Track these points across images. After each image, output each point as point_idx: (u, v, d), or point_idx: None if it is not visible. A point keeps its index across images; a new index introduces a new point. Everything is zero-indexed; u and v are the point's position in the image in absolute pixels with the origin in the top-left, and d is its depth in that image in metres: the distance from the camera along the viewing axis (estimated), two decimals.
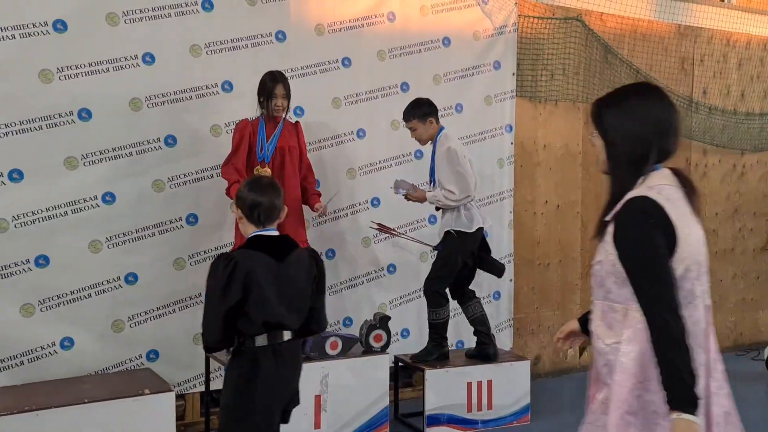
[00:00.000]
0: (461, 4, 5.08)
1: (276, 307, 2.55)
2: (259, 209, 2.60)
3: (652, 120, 1.88)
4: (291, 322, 2.62)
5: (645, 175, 1.87)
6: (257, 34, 4.38)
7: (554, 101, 5.57)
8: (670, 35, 6.08)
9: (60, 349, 3.86)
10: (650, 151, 1.87)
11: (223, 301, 2.48)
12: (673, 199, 1.83)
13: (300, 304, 2.65)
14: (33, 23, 3.80)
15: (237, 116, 4.22)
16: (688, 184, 1.90)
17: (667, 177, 1.89)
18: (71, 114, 3.91)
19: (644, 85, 2.00)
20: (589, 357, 5.83)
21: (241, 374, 2.59)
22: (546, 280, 5.61)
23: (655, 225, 1.79)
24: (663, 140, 1.89)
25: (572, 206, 5.72)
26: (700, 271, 1.86)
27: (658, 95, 1.93)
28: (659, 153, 1.88)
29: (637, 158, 1.87)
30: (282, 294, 2.57)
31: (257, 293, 2.50)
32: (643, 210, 1.81)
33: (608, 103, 1.97)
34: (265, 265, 2.54)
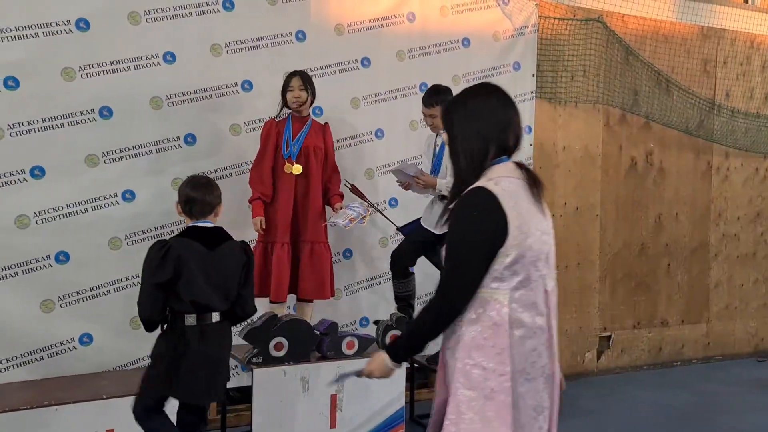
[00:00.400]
0: (481, 4, 5.06)
1: (204, 288, 2.85)
2: (192, 204, 2.96)
3: (491, 118, 2.02)
4: (218, 305, 2.92)
5: (487, 168, 2.00)
6: (277, 34, 4.40)
7: (574, 103, 5.53)
8: (693, 37, 6.01)
9: (79, 345, 3.89)
10: (489, 146, 2.00)
11: (153, 278, 2.80)
12: (510, 190, 1.94)
13: (227, 289, 2.95)
14: (56, 22, 3.84)
15: (256, 115, 4.24)
16: (531, 176, 2.02)
17: (509, 170, 2.00)
18: (93, 112, 3.94)
19: (486, 86, 2.12)
20: (607, 360, 5.79)
21: (169, 347, 2.90)
22: (564, 282, 5.57)
23: (479, 216, 1.92)
24: (502, 136, 2.02)
25: (591, 209, 5.68)
26: (538, 257, 1.96)
27: (498, 95, 2.06)
28: (498, 148, 2.01)
29: (477, 153, 2.00)
30: (210, 278, 2.88)
31: (187, 275, 2.82)
32: (474, 200, 1.94)
33: (455, 102, 2.12)
34: (197, 252, 2.87)
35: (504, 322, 1.91)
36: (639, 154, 5.91)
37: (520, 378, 1.93)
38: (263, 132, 4.05)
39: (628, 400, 5.12)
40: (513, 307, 1.92)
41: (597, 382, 5.59)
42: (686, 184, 6.11)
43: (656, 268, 6.00)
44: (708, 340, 6.31)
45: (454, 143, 2.06)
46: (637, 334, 5.96)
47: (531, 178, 2.01)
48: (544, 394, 1.96)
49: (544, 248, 1.99)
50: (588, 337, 5.71)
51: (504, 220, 1.90)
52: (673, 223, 6.08)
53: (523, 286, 1.94)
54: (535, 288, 1.96)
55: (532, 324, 1.94)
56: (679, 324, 6.16)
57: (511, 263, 1.92)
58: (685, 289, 6.17)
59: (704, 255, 6.23)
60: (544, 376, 1.96)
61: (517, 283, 1.93)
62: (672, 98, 5.86)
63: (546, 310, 1.98)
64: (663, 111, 5.81)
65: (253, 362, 3.68)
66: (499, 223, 1.90)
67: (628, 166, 5.85)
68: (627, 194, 5.83)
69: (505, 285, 1.93)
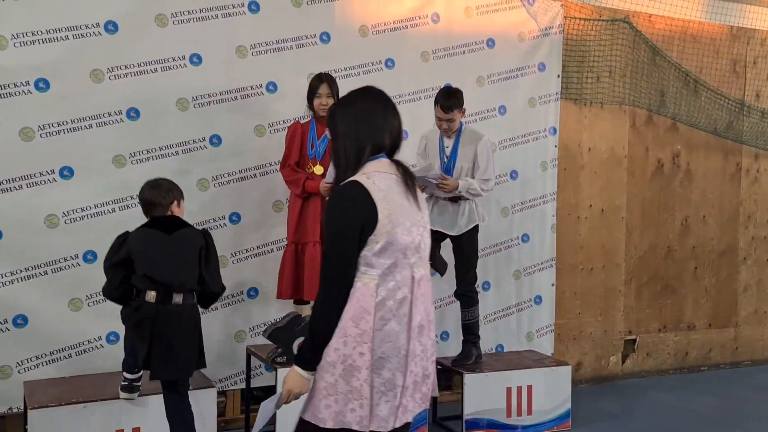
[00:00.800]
0: (506, 5, 5.04)
1: (159, 266, 3.11)
2: (145, 204, 3.29)
3: (371, 121, 2.20)
4: (176, 282, 3.13)
5: (363, 164, 2.17)
6: (302, 36, 4.42)
7: (600, 104, 5.48)
8: (722, 37, 5.93)
9: (106, 343, 3.95)
10: (366, 146, 2.17)
11: (112, 257, 3.15)
12: (381, 184, 2.12)
13: (185, 269, 3.17)
14: (86, 25, 3.90)
15: (280, 117, 4.26)
16: (405, 173, 2.21)
17: (384, 166, 2.18)
18: (120, 113, 4.00)
19: (366, 89, 2.30)
20: (632, 364, 5.73)
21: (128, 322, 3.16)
22: (589, 285, 5.53)
23: (351, 205, 2.08)
24: (379, 138, 2.19)
25: (617, 211, 5.62)
26: (408, 246, 2.13)
27: (375, 98, 2.25)
28: (375, 148, 2.18)
29: (356, 151, 2.17)
30: (166, 258, 3.14)
31: (142, 255, 3.12)
32: (347, 192, 2.11)
33: (338, 105, 2.34)
34: (153, 236, 3.18)
35: (369, 305, 2.08)
36: (666, 155, 5.83)
37: (377, 356, 2.09)
38: (288, 134, 4.07)
39: (654, 405, 5.06)
40: (379, 291, 2.09)
41: (622, 386, 5.53)
42: (714, 186, 6.02)
43: (683, 271, 5.92)
44: (736, 344, 6.22)
45: (336, 141, 2.23)
46: (662, 338, 5.89)
47: (404, 175, 2.20)
48: (398, 373, 2.12)
49: (415, 238, 2.17)
50: (613, 341, 5.66)
51: (374, 210, 2.07)
52: (700, 226, 5.99)
53: (390, 272, 2.11)
54: (403, 274, 2.13)
55: (395, 308, 2.11)
56: (706, 328, 6.07)
57: (379, 250, 2.08)
58: (713, 293, 6.08)
59: (732, 258, 6.14)
60: (399, 356, 2.12)
61: (385, 269, 2.10)
62: (700, 99, 5.78)
63: (410, 295, 2.14)
64: (691, 112, 5.73)
65: (276, 362, 3.71)
66: (369, 213, 2.07)
67: (655, 167, 5.78)
68: (653, 196, 5.77)
69: (374, 271, 2.09)
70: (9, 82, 3.75)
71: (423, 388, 2.22)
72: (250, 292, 4.33)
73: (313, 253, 3.96)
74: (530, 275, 5.20)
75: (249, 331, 4.35)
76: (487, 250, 5.05)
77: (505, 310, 5.13)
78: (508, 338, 5.12)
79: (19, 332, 3.78)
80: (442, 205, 4.17)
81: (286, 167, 4.01)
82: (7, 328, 3.76)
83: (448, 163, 4.17)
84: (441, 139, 4.22)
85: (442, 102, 4.10)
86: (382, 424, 2.11)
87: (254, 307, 4.34)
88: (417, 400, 2.20)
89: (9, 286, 3.77)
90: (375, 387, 2.10)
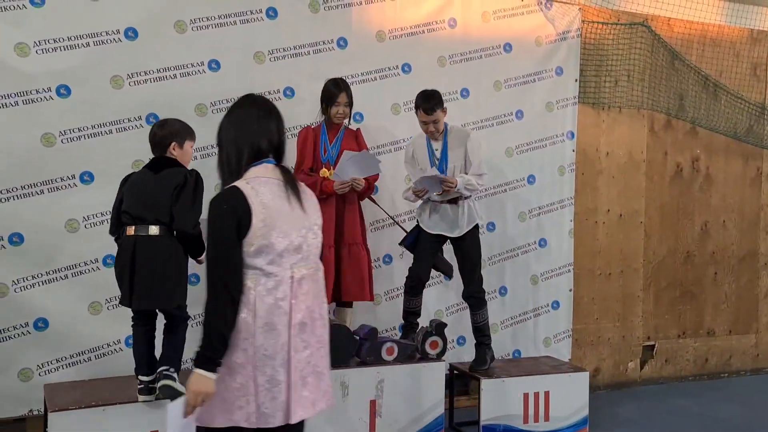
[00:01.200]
0: (523, 9, 5.03)
1: (137, 202, 3.30)
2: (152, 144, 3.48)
3: (247, 127, 2.29)
4: (150, 217, 3.28)
5: (246, 170, 2.27)
6: (319, 41, 4.44)
7: (618, 108, 5.45)
8: (742, 40, 5.87)
9: (125, 347, 3.97)
10: (244, 151, 2.28)
11: (115, 201, 3.42)
12: (259, 189, 2.22)
13: (158, 205, 3.29)
14: (106, 31, 3.94)
15: (298, 122, 4.28)
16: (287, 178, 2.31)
17: (267, 171, 2.28)
18: (140, 119, 4.04)
19: (249, 97, 2.41)
20: (650, 370, 5.68)
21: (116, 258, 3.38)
22: (607, 290, 5.49)
23: (228, 209, 2.18)
24: (256, 143, 2.29)
25: (635, 215, 5.58)
26: (285, 248, 2.23)
27: (253, 104, 2.36)
28: (254, 152, 2.28)
29: (234, 157, 2.28)
30: (145, 195, 3.31)
31: (127, 194, 3.36)
32: (223, 197, 2.23)
33: (226, 114, 2.40)
34: (141, 175, 3.41)
35: (250, 303, 2.19)
36: (685, 160, 5.79)
37: (260, 353, 2.19)
38: (300, 139, 4.09)
39: (673, 412, 5.01)
40: (258, 290, 2.20)
41: (640, 392, 5.49)
42: (734, 190, 5.95)
43: (702, 276, 5.86)
44: (757, 351, 6.14)
45: (219, 150, 2.34)
46: (682, 344, 5.83)
47: (287, 179, 2.30)
48: (281, 369, 2.21)
49: (294, 240, 2.26)
50: (631, 347, 5.61)
51: (249, 215, 2.18)
52: (720, 231, 5.93)
53: (267, 273, 2.21)
54: (280, 275, 2.23)
55: (273, 306, 2.21)
56: (726, 334, 6.00)
57: (255, 252, 2.20)
58: (733, 299, 6.01)
59: (753, 264, 6.07)
60: (281, 354, 2.21)
61: (262, 270, 2.21)
62: (720, 103, 5.73)
63: (290, 295, 2.23)
64: (710, 116, 5.68)
65: None
66: (243, 217, 2.18)
67: (674, 172, 5.74)
68: (672, 201, 5.72)
69: (252, 272, 2.20)
70: (31, 89, 3.81)
71: (321, 384, 2.31)
72: None
73: (328, 257, 3.98)
74: (547, 280, 5.17)
75: None
76: (504, 254, 5.04)
77: (522, 315, 5.11)
78: (525, 344, 5.09)
79: (39, 335, 3.83)
80: (440, 209, 4.16)
81: (299, 173, 4.02)
82: (28, 331, 3.80)
83: (440, 165, 4.17)
84: (428, 143, 4.21)
85: (423, 105, 4.10)
86: (270, 420, 2.19)
87: None
88: (309, 397, 2.27)
89: (30, 289, 3.82)
90: (260, 384, 2.19)
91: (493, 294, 4.96)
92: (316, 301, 2.33)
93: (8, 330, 3.79)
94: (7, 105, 3.77)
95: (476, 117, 4.90)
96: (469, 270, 4.20)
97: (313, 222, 2.35)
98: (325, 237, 3.96)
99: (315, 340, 2.31)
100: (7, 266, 3.77)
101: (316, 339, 2.32)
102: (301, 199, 2.31)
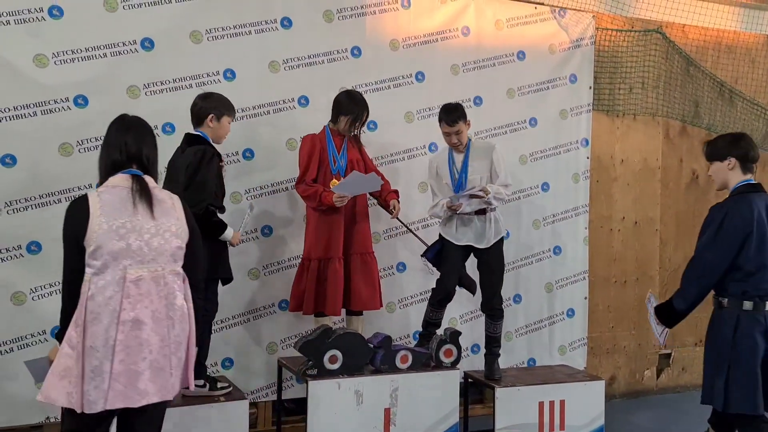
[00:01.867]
0: (537, 17, 5.03)
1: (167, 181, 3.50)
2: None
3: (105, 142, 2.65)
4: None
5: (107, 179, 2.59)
6: (333, 50, 4.47)
7: (632, 115, 5.44)
8: (758, 46, 5.83)
9: None
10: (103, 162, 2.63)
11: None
12: (105, 197, 2.52)
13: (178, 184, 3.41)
14: (123, 42, 4.00)
15: (312, 130, 4.29)
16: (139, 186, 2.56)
17: (119, 180, 2.57)
18: (156, 128, 3.99)
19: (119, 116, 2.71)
20: (667, 378, 5.63)
21: None
22: (622, 298, 5.46)
23: (71, 214, 2.53)
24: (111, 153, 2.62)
25: (651, 223, 5.55)
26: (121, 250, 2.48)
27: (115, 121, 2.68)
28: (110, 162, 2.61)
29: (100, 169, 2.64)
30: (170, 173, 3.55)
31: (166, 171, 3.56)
32: (71, 203, 2.58)
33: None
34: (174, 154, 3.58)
35: (84, 298, 2.46)
36: (700, 166, 5.74)
37: (87, 344, 2.44)
38: (306, 149, 4.05)
39: (689, 420, 4.96)
40: (92, 288, 2.46)
41: (656, 400, 5.44)
42: None
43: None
44: None
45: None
46: (698, 352, 5.76)
47: (137, 188, 2.55)
48: (105, 361, 2.43)
49: (132, 243, 2.50)
50: (647, 355, 5.57)
51: (87, 219, 2.47)
52: None
53: (100, 273, 2.47)
54: (112, 275, 2.47)
55: (103, 303, 2.45)
56: None
57: (91, 253, 2.47)
58: None
59: None
60: (106, 347, 2.44)
61: (96, 270, 2.47)
62: (736, 109, 5.69)
63: (120, 294, 2.46)
64: (726, 122, 5.65)
65: (308, 374, 3.73)
66: (82, 221, 2.47)
67: (689, 179, 5.70)
68: (688, 208, 5.68)
69: (90, 270, 2.48)
70: (49, 99, 3.86)
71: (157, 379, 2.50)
72: (282, 304, 4.36)
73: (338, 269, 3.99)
74: (562, 288, 5.15)
75: (280, 343, 4.38)
76: (519, 262, 5.03)
77: (536, 323, 5.09)
78: (540, 352, 5.07)
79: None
80: (468, 220, 4.16)
81: (301, 183, 4.03)
82: (45, 338, 3.84)
83: (460, 178, 4.18)
84: (450, 155, 4.21)
85: (445, 118, 4.11)
86: (92, 406, 2.42)
87: (286, 319, 4.38)
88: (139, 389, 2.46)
89: (48, 297, 3.86)
90: (86, 372, 2.43)
91: (507, 302, 4.95)
92: (163, 302, 2.53)
93: (26, 338, 3.83)
94: (26, 115, 3.82)
95: (490, 125, 4.91)
96: (494, 283, 4.18)
97: (163, 228, 2.57)
98: (334, 250, 4.02)
99: (158, 339, 2.51)
100: (25, 275, 3.82)
101: (159, 338, 2.51)
102: (151, 206, 2.55)
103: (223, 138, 3.67)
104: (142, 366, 2.47)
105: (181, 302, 2.59)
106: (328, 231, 4.02)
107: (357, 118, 4.05)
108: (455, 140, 4.13)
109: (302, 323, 4.34)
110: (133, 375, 2.46)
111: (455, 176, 4.18)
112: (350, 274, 4.09)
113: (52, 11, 3.86)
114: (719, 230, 3.33)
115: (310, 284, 3.97)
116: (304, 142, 4.10)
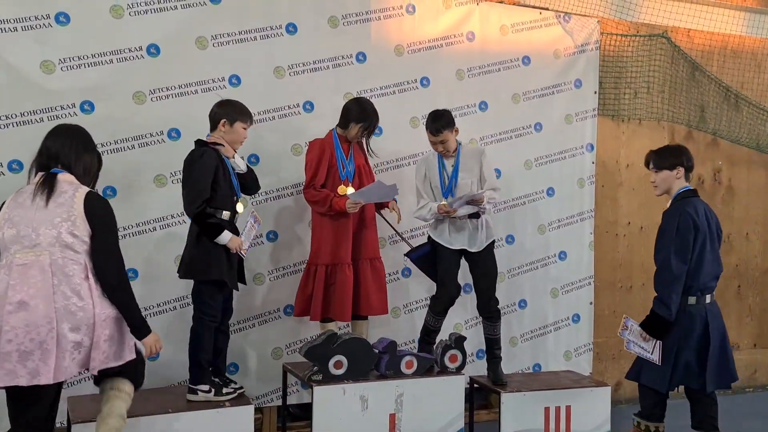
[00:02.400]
0: (542, 22, 5.04)
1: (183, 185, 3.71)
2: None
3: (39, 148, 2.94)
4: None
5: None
6: (338, 56, 4.48)
7: (638, 120, 5.43)
8: (764, 51, 5.82)
9: (148, 360, 4.00)
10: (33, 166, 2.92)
11: None
12: (18, 193, 2.83)
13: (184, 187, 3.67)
14: (129, 48, 4.01)
15: (317, 136, 4.31)
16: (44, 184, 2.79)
17: (36, 178, 2.84)
18: (162, 134, 4.09)
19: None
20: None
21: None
22: (628, 303, 5.44)
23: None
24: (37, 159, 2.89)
25: (656, 228, 5.50)
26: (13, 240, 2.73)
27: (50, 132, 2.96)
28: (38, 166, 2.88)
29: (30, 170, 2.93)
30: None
31: None
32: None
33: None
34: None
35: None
36: (706, 171, 5.74)
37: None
38: (314, 153, 4.05)
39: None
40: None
41: None
42: (757, 202, 5.88)
43: (725, 289, 5.78)
44: None
45: None
46: None
47: (41, 182, 2.79)
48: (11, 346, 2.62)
49: (21, 231, 2.73)
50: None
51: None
52: (743, 243, 5.86)
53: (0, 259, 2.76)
54: (5, 261, 2.74)
55: (3, 290, 2.67)
56: (751, 348, 5.92)
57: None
58: (757, 312, 5.92)
59: None
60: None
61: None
62: (741, 114, 5.67)
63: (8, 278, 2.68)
64: (732, 127, 5.63)
65: (313, 380, 3.73)
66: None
67: (695, 184, 5.68)
68: None
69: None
70: (56, 105, 3.88)
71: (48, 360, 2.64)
72: (287, 309, 4.37)
73: (348, 274, 3.99)
74: (568, 293, 5.14)
75: (285, 348, 4.38)
76: (524, 267, 5.02)
77: (542, 328, 5.08)
78: (545, 357, 5.06)
79: None
80: (461, 224, 4.16)
81: (310, 188, 4.03)
82: None
83: (450, 182, 4.18)
84: (440, 161, 4.22)
85: (430, 126, 4.13)
86: None
87: (291, 324, 4.38)
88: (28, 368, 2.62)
89: None
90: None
91: (512, 307, 4.95)
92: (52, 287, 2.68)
93: None
94: (33, 121, 3.84)
95: (495, 130, 4.91)
96: (490, 285, 4.20)
97: (54, 216, 2.74)
98: (342, 255, 4.02)
99: (45, 322, 2.66)
100: None
101: (47, 320, 2.66)
102: (49, 197, 2.75)
103: (237, 143, 3.69)
104: (30, 346, 2.64)
105: (78, 288, 2.72)
106: (336, 236, 4.02)
107: (368, 127, 4.06)
108: (441, 149, 4.15)
109: (307, 328, 4.34)
110: (23, 355, 2.63)
111: (445, 180, 4.19)
112: (360, 280, 4.09)
113: (58, 18, 3.88)
114: (677, 233, 3.66)
115: (318, 290, 3.97)
116: (311, 147, 4.10)
